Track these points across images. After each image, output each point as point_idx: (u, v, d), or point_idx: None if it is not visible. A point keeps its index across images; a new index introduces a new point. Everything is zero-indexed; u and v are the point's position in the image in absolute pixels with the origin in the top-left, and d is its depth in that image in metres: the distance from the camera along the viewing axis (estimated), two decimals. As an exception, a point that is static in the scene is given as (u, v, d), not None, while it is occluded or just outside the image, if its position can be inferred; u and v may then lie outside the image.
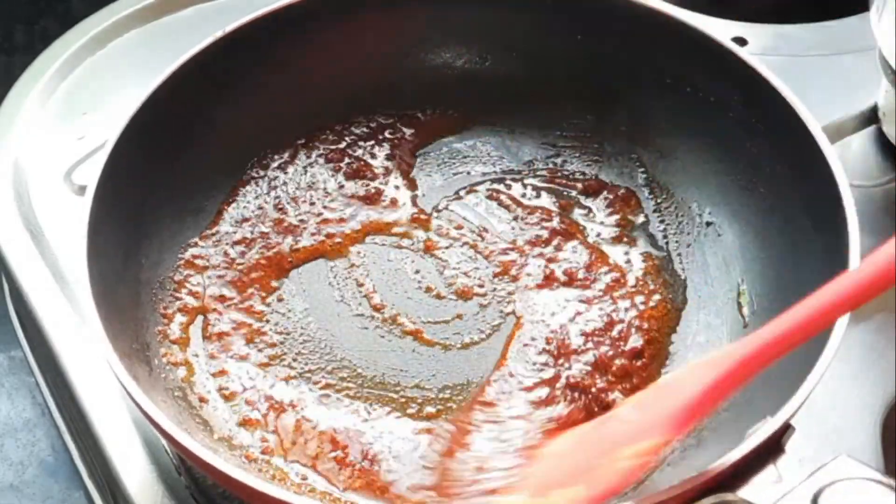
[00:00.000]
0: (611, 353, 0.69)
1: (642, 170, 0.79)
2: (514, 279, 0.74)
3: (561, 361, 0.68)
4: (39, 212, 0.79)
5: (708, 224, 0.75)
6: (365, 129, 0.82)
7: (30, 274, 0.76)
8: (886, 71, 0.78)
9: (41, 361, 0.87)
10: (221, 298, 0.73)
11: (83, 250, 0.63)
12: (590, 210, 0.78)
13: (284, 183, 0.79)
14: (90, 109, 0.86)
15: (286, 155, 0.80)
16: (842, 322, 0.57)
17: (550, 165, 0.81)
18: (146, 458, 0.66)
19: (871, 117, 0.84)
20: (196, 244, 0.75)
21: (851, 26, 0.89)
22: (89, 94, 0.87)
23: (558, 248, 0.75)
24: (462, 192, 0.80)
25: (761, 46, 0.87)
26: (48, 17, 1.38)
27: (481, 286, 0.74)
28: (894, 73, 0.77)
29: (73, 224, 0.74)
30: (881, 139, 0.83)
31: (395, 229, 0.77)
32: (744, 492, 0.54)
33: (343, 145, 0.81)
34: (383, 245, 0.77)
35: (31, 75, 0.89)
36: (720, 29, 0.75)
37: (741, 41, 0.86)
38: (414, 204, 0.79)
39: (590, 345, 0.69)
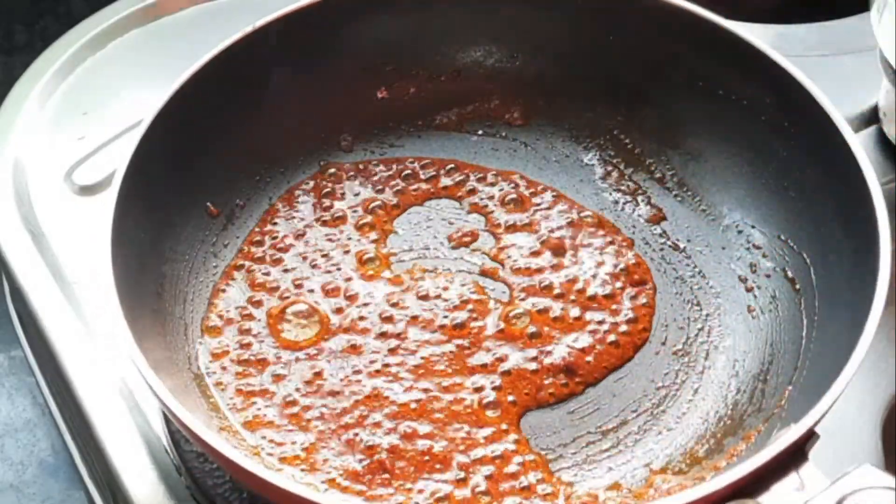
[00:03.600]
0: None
1: (672, 171, 0.79)
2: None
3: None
4: (39, 212, 0.79)
5: (736, 225, 0.74)
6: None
7: (30, 274, 0.76)
8: (887, 71, 0.78)
9: (41, 361, 0.87)
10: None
11: (108, 238, 0.62)
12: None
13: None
14: (90, 109, 0.86)
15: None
16: (872, 323, 0.57)
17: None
18: (146, 458, 0.66)
19: (872, 117, 0.84)
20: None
21: (851, 26, 0.89)
22: (89, 94, 0.87)
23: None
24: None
25: (761, 46, 0.87)
26: (48, 17, 1.38)
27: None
28: (895, 73, 0.77)
29: (74, 224, 0.74)
30: (882, 139, 0.83)
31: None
32: (764, 498, 0.54)
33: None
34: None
35: (31, 75, 0.89)
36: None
37: (741, 41, 0.86)
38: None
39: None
